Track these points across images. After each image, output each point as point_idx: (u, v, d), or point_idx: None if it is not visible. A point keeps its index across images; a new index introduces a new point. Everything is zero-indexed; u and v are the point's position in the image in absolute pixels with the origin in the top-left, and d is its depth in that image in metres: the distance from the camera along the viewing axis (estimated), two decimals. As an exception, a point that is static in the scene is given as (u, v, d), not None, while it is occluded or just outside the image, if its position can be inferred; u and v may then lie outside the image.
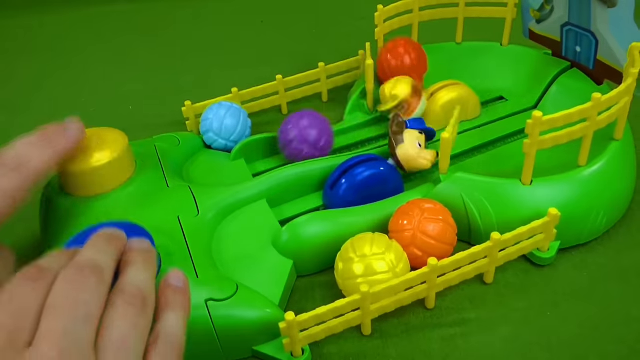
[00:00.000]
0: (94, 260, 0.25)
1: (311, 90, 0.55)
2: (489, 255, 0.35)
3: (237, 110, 0.48)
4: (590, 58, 0.45)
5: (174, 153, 0.45)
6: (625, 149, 0.40)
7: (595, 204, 0.38)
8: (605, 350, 0.33)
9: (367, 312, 0.33)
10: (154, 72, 0.65)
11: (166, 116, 0.52)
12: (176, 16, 0.78)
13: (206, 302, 0.32)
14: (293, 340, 0.32)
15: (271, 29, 0.73)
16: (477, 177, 0.38)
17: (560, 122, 0.35)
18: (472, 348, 0.34)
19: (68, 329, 0.22)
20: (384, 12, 0.49)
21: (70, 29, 0.77)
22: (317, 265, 0.39)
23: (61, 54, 0.71)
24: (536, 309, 0.36)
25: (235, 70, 0.63)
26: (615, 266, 0.38)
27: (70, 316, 0.22)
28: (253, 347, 0.33)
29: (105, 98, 0.61)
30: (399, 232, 0.36)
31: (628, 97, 0.37)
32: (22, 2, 0.82)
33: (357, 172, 0.40)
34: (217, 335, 0.32)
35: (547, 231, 0.36)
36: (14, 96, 0.63)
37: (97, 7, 0.81)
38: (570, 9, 0.44)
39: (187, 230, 0.37)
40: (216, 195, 0.40)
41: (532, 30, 0.50)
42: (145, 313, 0.25)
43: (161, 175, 0.41)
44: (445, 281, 0.35)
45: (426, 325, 0.35)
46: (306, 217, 0.38)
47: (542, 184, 0.37)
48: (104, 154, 0.37)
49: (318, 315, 0.31)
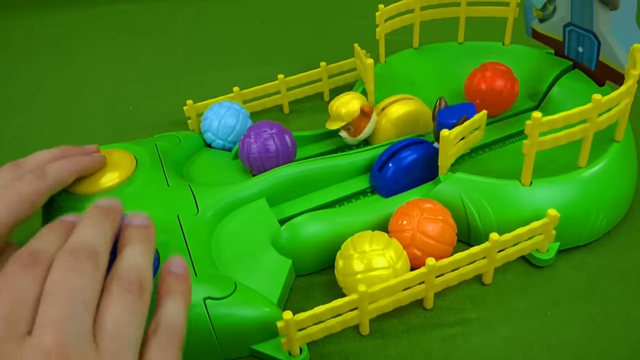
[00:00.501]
0: (90, 244, 0.25)
1: (312, 90, 0.55)
2: (487, 256, 0.35)
3: (237, 111, 0.48)
4: (592, 59, 0.45)
5: (174, 152, 0.45)
6: (626, 151, 0.40)
7: (595, 205, 0.38)
8: (606, 350, 0.33)
9: (365, 311, 0.33)
10: (155, 72, 0.65)
11: (166, 116, 0.52)
12: (177, 16, 0.78)
13: (204, 301, 0.32)
14: (290, 339, 0.32)
15: (271, 29, 0.73)
16: (476, 178, 0.38)
17: (559, 123, 0.35)
18: (473, 348, 0.34)
19: (66, 317, 0.22)
20: (385, 11, 0.49)
21: (71, 29, 0.77)
22: (316, 265, 0.39)
23: (62, 54, 0.71)
24: (536, 309, 0.36)
25: (236, 70, 0.63)
26: (616, 267, 0.38)
27: (68, 304, 0.22)
28: (251, 345, 0.34)
29: (106, 98, 0.61)
30: (399, 232, 0.36)
31: (629, 98, 0.37)
32: (23, 2, 0.82)
33: (403, 155, 0.41)
34: (215, 333, 0.32)
35: (546, 232, 0.36)
36: (14, 96, 0.63)
37: (98, 7, 0.81)
38: (573, 10, 0.44)
39: (186, 228, 0.37)
40: (216, 194, 0.40)
41: (535, 29, 0.50)
42: (142, 298, 0.25)
43: (161, 173, 0.41)
44: (443, 281, 0.35)
45: (426, 325, 0.35)
46: (305, 216, 0.39)
47: (541, 184, 0.37)
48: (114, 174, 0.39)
49: (316, 314, 0.31)
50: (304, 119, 0.55)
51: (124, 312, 0.24)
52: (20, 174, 0.34)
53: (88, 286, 0.23)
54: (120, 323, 0.23)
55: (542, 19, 0.48)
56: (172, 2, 0.81)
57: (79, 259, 0.24)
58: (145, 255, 0.27)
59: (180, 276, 0.28)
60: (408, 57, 0.54)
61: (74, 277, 0.23)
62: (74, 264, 0.24)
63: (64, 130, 0.56)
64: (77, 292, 0.23)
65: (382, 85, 0.49)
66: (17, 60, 0.70)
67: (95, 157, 0.39)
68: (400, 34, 0.52)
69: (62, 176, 0.35)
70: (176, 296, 0.27)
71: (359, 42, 0.50)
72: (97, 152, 0.40)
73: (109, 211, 0.28)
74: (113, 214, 0.28)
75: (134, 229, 0.28)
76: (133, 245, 0.27)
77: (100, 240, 0.26)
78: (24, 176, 0.33)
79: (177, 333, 0.25)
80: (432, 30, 0.54)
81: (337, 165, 0.43)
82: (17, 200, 0.32)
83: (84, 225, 0.26)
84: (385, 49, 0.52)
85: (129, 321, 0.24)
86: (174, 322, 0.26)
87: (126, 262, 0.26)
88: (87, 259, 0.24)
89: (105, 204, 0.28)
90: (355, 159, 0.44)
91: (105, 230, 0.26)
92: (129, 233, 0.28)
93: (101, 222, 0.27)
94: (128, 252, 0.26)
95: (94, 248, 0.25)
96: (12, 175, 0.34)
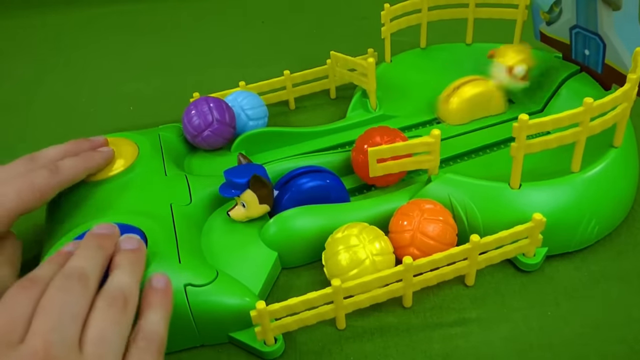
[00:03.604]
0: (82, 269, 0.28)
1: (319, 87, 0.56)
2: (469, 257, 0.35)
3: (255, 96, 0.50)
4: (598, 62, 0.44)
5: (177, 143, 0.47)
6: (624, 157, 0.39)
7: (586, 212, 0.37)
8: (606, 350, 0.33)
9: (340, 306, 0.33)
10: (155, 72, 0.66)
11: (167, 117, 0.52)
12: (178, 16, 0.79)
13: (185, 287, 0.33)
14: (265, 328, 0.32)
15: (272, 30, 0.73)
16: (465, 179, 0.38)
17: (548, 126, 0.34)
18: (473, 348, 0.34)
19: (56, 326, 0.24)
20: (390, 10, 0.49)
21: (71, 29, 0.78)
22: (303, 258, 0.40)
23: (62, 53, 0.72)
24: (537, 308, 0.36)
25: (236, 70, 0.63)
26: (616, 267, 0.38)
27: (57, 316, 0.25)
28: (229, 333, 0.34)
29: (106, 98, 0.62)
30: (399, 233, 0.36)
31: (626, 103, 0.36)
32: (24, 1, 0.83)
33: (300, 182, 0.40)
34: (193, 319, 0.33)
35: (532, 236, 0.36)
36: (15, 96, 0.64)
37: (99, 7, 0.81)
38: (578, 12, 0.43)
39: (177, 217, 0.38)
40: (210, 185, 0.41)
41: (543, 33, 0.49)
42: (126, 312, 0.27)
43: (161, 163, 0.43)
44: (422, 280, 0.35)
45: (426, 324, 0.35)
46: (294, 210, 0.39)
47: (531, 188, 0.37)
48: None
49: (289, 305, 0.32)
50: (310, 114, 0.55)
51: (107, 323, 0.26)
52: (35, 166, 0.36)
53: (77, 302, 0.26)
54: (103, 332, 0.26)
55: (549, 22, 0.47)
56: (172, 2, 0.82)
57: (70, 280, 0.27)
58: (131, 276, 0.29)
59: (162, 290, 0.30)
60: (415, 57, 0.54)
61: (64, 295, 0.26)
62: (65, 284, 0.27)
63: (64, 130, 0.57)
64: (66, 307, 0.26)
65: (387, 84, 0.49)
66: (17, 59, 0.71)
67: (105, 154, 0.41)
68: (403, 35, 0.52)
69: (74, 173, 0.38)
70: (157, 308, 0.29)
71: (360, 42, 0.51)
72: (104, 144, 0.42)
73: (103, 239, 0.31)
74: (107, 242, 0.31)
75: (124, 254, 0.30)
76: (121, 267, 0.30)
77: (92, 266, 0.28)
78: (38, 169, 0.36)
79: (157, 340, 0.27)
80: (436, 32, 0.54)
81: (330, 163, 0.44)
82: (28, 189, 0.34)
83: (78, 254, 0.29)
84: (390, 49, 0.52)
85: (112, 331, 0.26)
86: (154, 329, 0.28)
87: (113, 282, 0.28)
88: (77, 281, 0.27)
89: (101, 232, 0.31)
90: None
91: (97, 257, 0.29)
92: (119, 258, 0.30)
93: (94, 250, 0.30)
94: (116, 274, 0.29)
95: (85, 272, 0.28)
96: (27, 167, 0.36)
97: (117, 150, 0.42)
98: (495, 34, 0.52)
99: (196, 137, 0.46)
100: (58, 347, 0.24)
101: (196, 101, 0.46)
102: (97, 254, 0.29)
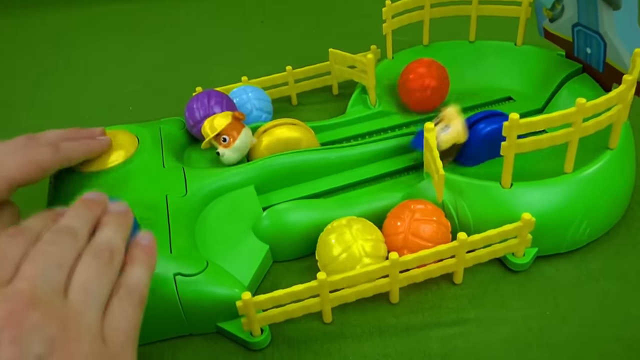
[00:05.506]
0: (71, 226, 0.29)
1: (320, 83, 0.56)
2: (456, 255, 0.35)
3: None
4: (599, 60, 0.43)
5: (177, 136, 0.48)
6: (619, 159, 0.38)
7: (577, 213, 0.37)
8: (605, 349, 0.33)
9: (326, 299, 0.34)
10: (155, 72, 0.66)
11: (166, 116, 0.51)
12: (177, 16, 0.79)
13: (174, 276, 0.34)
14: (250, 319, 0.33)
15: (271, 29, 0.73)
16: (456, 177, 0.38)
17: (540, 125, 0.34)
18: (472, 347, 0.34)
19: (42, 272, 0.25)
20: (392, 7, 0.49)
21: (71, 28, 0.78)
22: (295, 252, 0.40)
23: (62, 52, 0.72)
24: (535, 308, 0.36)
25: (236, 70, 0.62)
26: (615, 266, 0.38)
27: (45, 264, 0.26)
28: (217, 323, 0.35)
29: (106, 98, 0.62)
30: (392, 236, 0.37)
31: (621, 104, 0.36)
32: (23, 1, 0.83)
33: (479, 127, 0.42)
34: (182, 307, 0.34)
35: (521, 236, 0.36)
36: (15, 95, 0.64)
37: (99, 7, 0.81)
38: (579, 10, 0.43)
39: (172, 208, 0.39)
40: (206, 178, 0.42)
41: (546, 29, 0.49)
42: (111, 265, 0.28)
43: (159, 155, 0.44)
44: (408, 277, 0.35)
45: (425, 324, 0.35)
46: (288, 204, 0.40)
47: (522, 188, 0.37)
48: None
49: (274, 297, 0.33)
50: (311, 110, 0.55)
51: (92, 273, 0.27)
52: (35, 144, 0.37)
53: (65, 254, 0.27)
54: (87, 281, 0.26)
55: (552, 19, 0.47)
56: (172, 2, 0.82)
57: (59, 234, 0.28)
58: (118, 233, 0.30)
59: (146, 247, 0.31)
60: (417, 54, 0.53)
61: (53, 247, 0.27)
62: (53, 238, 0.27)
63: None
64: (54, 256, 0.26)
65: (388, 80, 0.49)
66: (17, 59, 0.72)
67: (102, 142, 0.42)
68: (404, 34, 0.52)
69: (73, 155, 0.39)
70: (141, 263, 0.29)
71: (360, 41, 0.51)
72: (102, 134, 0.43)
73: (91, 203, 0.31)
74: (94, 205, 0.31)
75: (112, 215, 0.31)
76: (108, 225, 0.30)
77: (81, 223, 0.29)
78: (38, 146, 0.37)
79: (138, 293, 0.28)
80: (437, 29, 0.53)
81: (327, 158, 0.44)
82: (29, 162, 0.36)
83: (68, 214, 0.30)
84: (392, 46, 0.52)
85: (96, 280, 0.27)
86: (135, 282, 0.28)
87: (99, 237, 0.29)
88: (65, 235, 0.28)
89: (90, 197, 0.32)
90: (346, 152, 0.45)
91: (86, 216, 0.30)
92: (107, 218, 0.31)
93: (83, 210, 0.30)
94: (103, 230, 0.30)
95: (73, 228, 0.29)
96: (27, 144, 0.37)
97: (118, 142, 0.43)
98: (498, 31, 0.52)
99: (193, 127, 0.47)
100: (43, 291, 0.24)
101: (198, 94, 0.47)
102: (86, 214, 0.30)
